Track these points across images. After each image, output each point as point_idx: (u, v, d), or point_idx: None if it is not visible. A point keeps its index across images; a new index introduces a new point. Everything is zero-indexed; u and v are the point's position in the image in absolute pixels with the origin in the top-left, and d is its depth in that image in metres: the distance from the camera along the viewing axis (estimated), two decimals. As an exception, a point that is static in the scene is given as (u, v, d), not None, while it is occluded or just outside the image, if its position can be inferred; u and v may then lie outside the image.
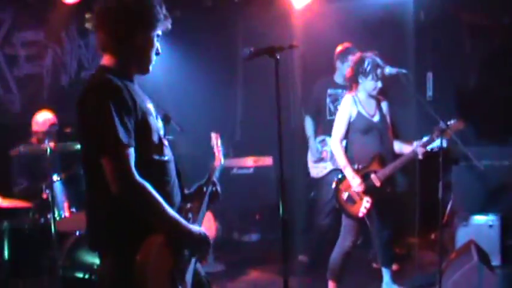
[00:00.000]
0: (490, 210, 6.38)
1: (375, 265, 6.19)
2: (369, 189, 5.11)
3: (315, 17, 7.26)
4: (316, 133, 6.52)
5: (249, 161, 7.64)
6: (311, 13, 7.24)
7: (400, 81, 5.11)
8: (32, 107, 6.40)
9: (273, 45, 3.43)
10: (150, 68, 2.95)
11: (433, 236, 6.89)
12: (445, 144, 5.08)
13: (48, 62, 7.43)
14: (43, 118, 5.97)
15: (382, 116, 5.30)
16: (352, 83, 5.29)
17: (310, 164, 6.54)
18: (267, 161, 7.65)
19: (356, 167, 5.16)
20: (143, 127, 2.77)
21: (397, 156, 5.33)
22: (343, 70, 6.23)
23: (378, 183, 5.12)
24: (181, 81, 7.61)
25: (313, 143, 6.49)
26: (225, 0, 7.57)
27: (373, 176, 5.13)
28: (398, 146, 5.40)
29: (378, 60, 5.13)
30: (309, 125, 6.57)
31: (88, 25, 3.08)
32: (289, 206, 7.17)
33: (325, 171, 6.35)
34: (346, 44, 6.26)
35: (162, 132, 2.95)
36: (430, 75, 7.54)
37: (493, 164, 6.51)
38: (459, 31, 7.72)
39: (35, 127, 5.95)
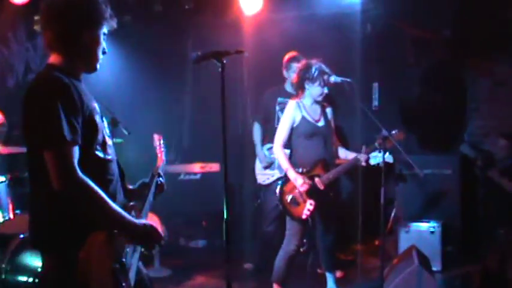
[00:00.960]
0: (432, 217, 6.54)
1: (319, 270, 6.25)
2: (313, 192, 5.17)
3: (265, 25, 7.32)
4: (264, 141, 6.56)
5: (196, 167, 7.62)
6: (261, 21, 7.29)
7: (345, 91, 5.19)
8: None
9: (219, 49, 3.46)
10: (98, 66, 2.95)
11: (376, 242, 7.01)
12: (390, 160, 5.21)
13: (-6, 64, 7.30)
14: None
15: (327, 121, 5.37)
16: (298, 89, 5.35)
17: (258, 171, 6.55)
18: (214, 167, 7.65)
19: (300, 170, 5.21)
20: (90, 126, 2.76)
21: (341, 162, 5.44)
22: (289, 78, 6.32)
23: (321, 187, 5.19)
24: (130, 85, 7.56)
25: (260, 150, 6.51)
26: (176, 6, 7.55)
27: (317, 179, 5.20)
28: (344, 153, 5.50)
29: (324, 67, 5.21)
30: (256, 132, 6.59)
31: (36, 27, 3.08)
32: (237, 212, 7.27)
33: (272, 179, 6.37)
34: (292, 53, 6.32)
35: (106, 132, 2.94)
36: (376, 86, 7.67)
37: (434, 172, 6.69)
38: (403, 43, 7.89)
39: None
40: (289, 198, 5.18)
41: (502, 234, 6.17)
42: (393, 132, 5.18)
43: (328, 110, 5.44)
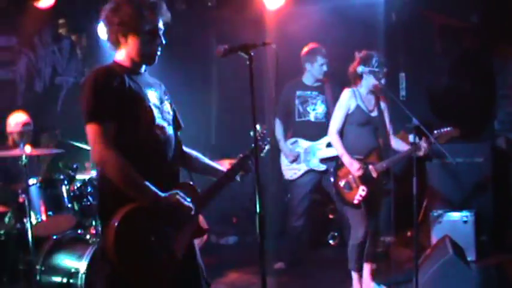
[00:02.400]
0: (465, 206, 6.47)
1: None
2: (366, 179, 5.21)
3: (288, 19, 7.31)
4: (287, 135, 6.54)
5: (226, 164, 7.60)
6: (284, 15, 7.29)
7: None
8: (5, 113, 6.34)
9: (246, 42, 3.45)
10: (154, 59, 3.26)
11: (409, 234, 6.96)
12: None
13: (22, 68, 7.39)
14: (16, 119, 6.00)
15: (380, 112, 5.42)
16: (355, 78, 5.37)
17: (284, 167, 6.51)
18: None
19: (355, 157, 5.25)
20: (131, 109, 3.07)
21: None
22: (313, 71, 6.29)
23: (374, 174, 5.22)
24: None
25: (284, 146, 6.46)
26: (199, 4, 7.58)
27: (371, 166, 5.23)
28: (396, 143, 5.50)
29: (382, 58, 5.30)
30: (278, 127, 6.54)
31: (62, 30, 3.25)
32: (265, 210, 7.25)
33: (299, 173, 6.37)
34: (312, 45, 6.30)
35: (158, 116, 3.18)
36: (402, 76, 7.62)
37: (465, 161, 6.61)
38: (430, 32, 7.82)
39: (8, 128, 5.97)
40: (342, 183, 5.25)
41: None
42: (446, 129, 5.21)
43: (382, 103, 5.48)
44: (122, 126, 3.02)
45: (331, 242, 7.14)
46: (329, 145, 5.99)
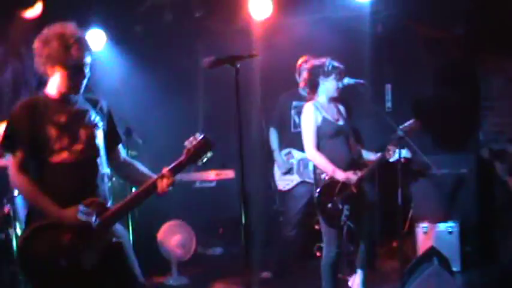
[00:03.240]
0: (449, 217, 6.50)
1: (340, 276, 6.20)
2: (349, 196, 5.05)
3: (275, 30, 7.34)
4: (281, 146, 6.55)
5: (211, 175, 7.62)
6: (271, 26, 7.31)
7: (358, 92, 5.18)
8: (-8, 123, 6.31)
9: (233, 54, 3.48)
10: (79, 90, 3.53)
11: (394, 244, 6.98)
12: (408, 155, 5.19)
13: (8, 78, 7.36)
14: (2, 129, 5.90)
15: (345, 120, 5.29)
16: (311, 88, 5.25)
17: (277, 178, 6.52)
18: (229, 174, 7.65)
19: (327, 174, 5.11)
20: (38, 138, 3.41)
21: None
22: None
23: (354, 190, 5.06)
24: (142, 95, 7.60)
25: (279, 156, 6.48)
26: (186, 14, 7.59)
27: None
28: (366, 154, 5.45)
29: (335, 62, 5.17)
30: (273, 137, 6.57)
31: None
32: (252, 220, 7.25)
33: (292, 184, 6.37)
34: (306, 58, 6.33)
35: (70, 140, 3.45)
36: (388, 87, 7.66)
37: (450, 172, 6.65)
38: (415, 43, 7.86)
39: (-5, 138, 5.90)
40: (329, 206, 5.05)
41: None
42: (408, 123, 5.14)
43: (341, 108, 5.36)
44: (33, 153, 3.41)
45: (317, 253, 7.15)
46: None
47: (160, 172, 3.47)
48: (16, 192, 5.25)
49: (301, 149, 6.20)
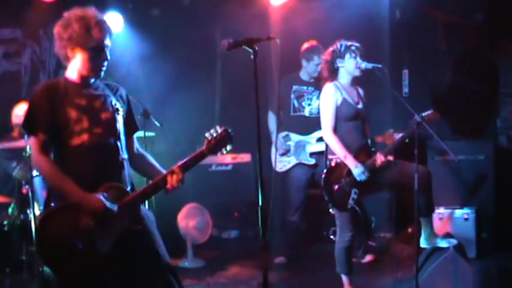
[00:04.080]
0: (466, 203, 6.48)
1: (355, 259, 6.22)
2: (359, 181, 5.03)
3: (292, 15, 7.33)
4: (279, 128, 6.57)
5: (228, 158, 7.63)
6: (288, 10, 7.31)
7: (376, 77, 5.13)
8: (10, 105, 6.38)
9: (251, 36, 3.48)
10: (100, 73, 3.53)
11: (410, 230, 6.97)
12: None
13: (26, 60, 7.42)
14: (21, 111, 5.96)
15: (364, 104, 5.26)
16: (331, 73, 5.20)
17: (274, 158, 6.51)
18: (246, 157, 7.67)
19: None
20: (61, 118, 3.41)
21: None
22: (308, 68, 6.34)
23: (380, 161, 5.00)
24: (160, 78, 7.61)
25: (276, 138, 6.48)
26: (203, -1, 7.62)
27: (378, 154, 5.04)
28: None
29: (348, 42, 5.16)
30: (272, 120, 6.62)
31: None
32: (267, 204, 7.26)
33: (288, 166, 6.44)
34: (312, 42, 6.32)
35: (91, 124, 3.45)
36: (406, 72, 7.62)
37: (468, 158, 6.60)
38: (434, 29, 7.82)
39: (14, 120, 6.02)
40: (336, 187, 5.05)
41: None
42: (427, 112, 5.10)
43: (361, 92, 5.32)
44: (54, 135, 3.42)
45: (332, 237, 7.16)
46: (319, 140, 6.01)
47: (171, 168, 3.48)
48: (35, 173, 5.31)
49: (299, 132, 6.31)
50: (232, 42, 3.46)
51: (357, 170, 4.97)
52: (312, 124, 6.18)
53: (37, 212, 5.19)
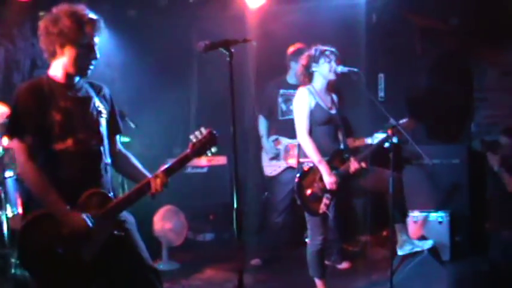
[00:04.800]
0: (440, 207, 6.54)
1: (329, 263, 6.24)
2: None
3: (269, 18, 7.35)
4: (269, 133, 6.60)
5: (203, 160, 7.61)
6: (265, 13, 7.32)
7: (352, 81, 5.19)
8: (-17, 106, 6.31)
9: (227, 38, 3.50)
10: (87, 71, 3.46)
11: (385, 233, 7.02)
12: (395, 140, 5.21)
13: (0, 60, 7.35)
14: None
15: (337, 109, 5.30)
16: (305, 77, 5.26)
17: (264, 163, 6.62)
18: (221, 160, 7.67)
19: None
20: (45, 123, 3.30)
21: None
22: (297, 70, 6.34)
23: (354, 168, 5.07)
24: (136, 80, 7.58)
25: (266, 142, 6.58)
26: (180, 0, 7.59)
27: (352, 159, 5.11)
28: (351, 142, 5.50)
29: (323, 47, 5.20)
30: (262, 124, 6.67)
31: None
32: (242, 206, 7.28)
33: (278, 170, 6.47)
34: (299, 45, 6.35)
35: (75, 127, 3.38)
36: (381, 77, 7.68)
37: (442, 162, 6.67)
38: (410, 33, 7.89)
39: (-14, 121, 5.90)
40: (308, 192, 5.07)
41: (507, 236, 6.12)
42: (403, 120, 5.19)
43: (335, 98, 5.37)
44: (40, 139, 3.30)
45: (307, 240, 7.19)
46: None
47: (155, 172, 3.47)
48: (7, 174, 5.27)
49: (288, 136, 6.32)
50: (209, 44, 3.48)
51: (329, 179, 5.00)
52: None
53: (9, 214, 5.16)
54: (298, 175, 5.13)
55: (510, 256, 5.92)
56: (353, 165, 5.10)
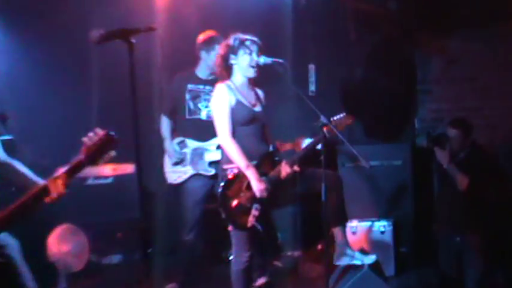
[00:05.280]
0: (382, 215, 6.64)
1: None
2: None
3: (180, 1, 7.30)
4: (173, 134, 6.53)
5: (107, 169, 7.48)
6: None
7: (277, 74, 5.16)
8: None
9: (126, 27, 3.44)
10: None
11: (319, 247, 7.08)
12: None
13: None
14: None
15: (262, 106, 5.31)
16: (223, 70, 5.25)
17: (167, 169, 6.49)
18: (129, 168, 7.54)
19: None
20: None
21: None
22: (209, 61, 6.27)
23: (285, 172, 5.08)
24: (27, 75, 7.41)
25: (169, 145, 6.45)
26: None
27: (284, 163, 5.12)
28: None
29: (244, 35, 5.20)
30: (164, 125, 6.54)
31: None
32: (155, 221, 7.22)
33: (184, 177, 6.36)
34: (210, 33, 6.30)
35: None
36: (312, 68, 7.73)
37: (383, 164, 6.78)
38: (343, 18, 7.97)
39: None
40: (234, 204, 5.06)
41: (458, 242, 6.26)
42: (338, 116, 5.22)
43: (260, 93, 5.40)
44: None
45: (231, 258, 7.19)
46: (220, 147, 6.01)
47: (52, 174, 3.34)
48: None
49: (196, 138, 6.29)
50: (104, 33, 3.42)
51: (259, 186, 5.00)
52: (210, 129, 6.06)
53: None
54: (222, 184, 5.11)
55: (461, 265, 6.03)
56: (284, 169, 5.12)
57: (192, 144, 6.38)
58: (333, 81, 7.82)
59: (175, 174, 6.41)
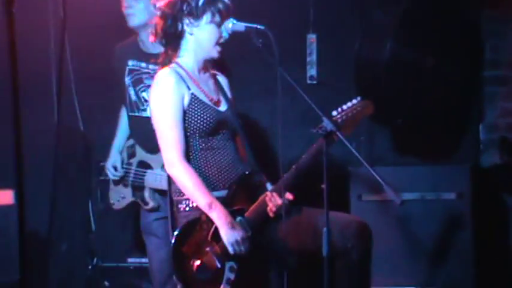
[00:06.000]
0: (424, 281, 6.70)
1: None
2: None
3: None
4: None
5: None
6: None
7: (253, 46, 5.16)
8: None
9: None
10: None
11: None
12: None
13: None
14: None
15: (229, 102, 5.30)
16: (170, 43, 5.21)
17: (111, 186, 6.56)
18: (6, 197, 7.60)
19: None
20: None
21: None
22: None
23: (273, 210, 5.00)
24: None
25: (113, 149, 6.49)
26: None
27: (268, 193, 5.05)
28: None
29: None
30: (120, 119, 6.57)
31: None
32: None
33: (123, 203, 6.45)
34: None
35: None
36: (312, 38, 7.72)
37: (424, 198, 6.87)
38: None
39: None
40: (196, 264, 4.98)
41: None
42: (352, 102, 5.08)
43: (223, 82, 5.43)
44: None
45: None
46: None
47: None
48: None
49: (142, 145, 6.22)
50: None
51: (232, 234, 4.95)
52: None
53: None
54: (176, 233, 5.05)
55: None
56: (272, 201, 5.03)
57: (139, 154, 6.37)
58: (345, 61, 7.73)
59: (116, 195, 6.50)
